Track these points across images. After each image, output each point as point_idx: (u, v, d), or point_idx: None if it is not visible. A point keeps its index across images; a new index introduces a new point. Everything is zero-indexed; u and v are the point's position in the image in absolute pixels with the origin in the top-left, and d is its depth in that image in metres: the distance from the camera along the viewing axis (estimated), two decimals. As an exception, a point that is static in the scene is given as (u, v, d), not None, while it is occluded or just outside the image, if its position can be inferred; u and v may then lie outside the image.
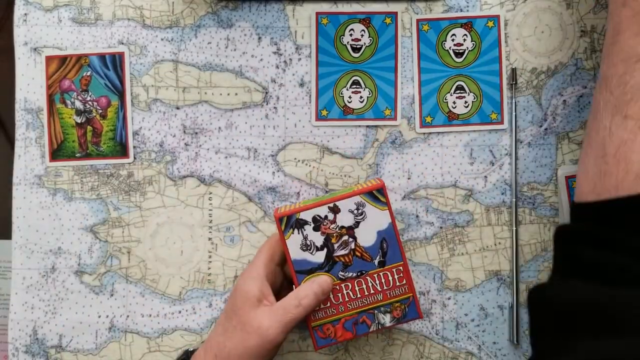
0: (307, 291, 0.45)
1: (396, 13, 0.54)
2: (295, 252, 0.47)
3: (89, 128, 0.54)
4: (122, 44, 0.54)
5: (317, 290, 0.46)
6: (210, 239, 0.54)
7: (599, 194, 0.35)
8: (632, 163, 0.34)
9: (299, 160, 0.54)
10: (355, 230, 0.47)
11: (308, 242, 0.47)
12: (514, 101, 0.54)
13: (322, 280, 0.46)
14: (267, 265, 0.47)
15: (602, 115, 0.37)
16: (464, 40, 0.54)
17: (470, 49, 0.54)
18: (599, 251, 0.34)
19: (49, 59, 0.54)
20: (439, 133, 0.54)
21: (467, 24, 0.54)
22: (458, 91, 0.54)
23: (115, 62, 0.54)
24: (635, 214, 0.33)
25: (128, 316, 0.54)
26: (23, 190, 0.54)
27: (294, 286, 0.48)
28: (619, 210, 0.34)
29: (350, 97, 0.54)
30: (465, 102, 0.54)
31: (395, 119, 0.54)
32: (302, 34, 0.54)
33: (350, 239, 0.47)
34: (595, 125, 0.38)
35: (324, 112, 0.54)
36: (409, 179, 0.54)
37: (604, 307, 0.31)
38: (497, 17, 0.54)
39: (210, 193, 0.54)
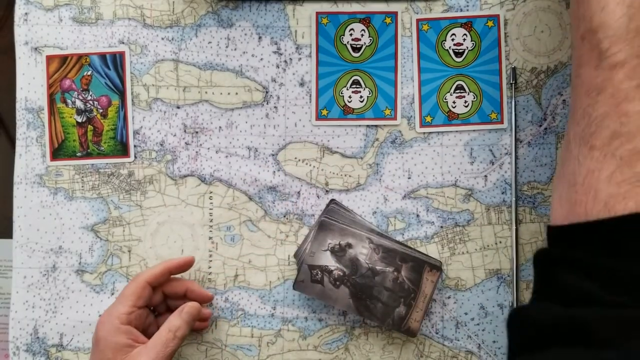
0: (178, 322, 0.47)
1: (396, 13, 0.54)
2: None
3: (90, 127, 0.54)
4: (123, 43, 0.54)
5: (188, 319, 0.48)
6: (210, 238, 0.54)
7: (570, 220, 0.37)
8: (599, 191, 0.36)
9: (299, 160, 0.54)
10: None
11: None
12: (513, 101, 0.54)
13: (190, 308, 0.48)
14: (130, 312, 0.47)
15: (571, 146, 0.39)
16: (464, 39, 0.54)
17: (470, 49, 0.54)
18: (570, 274, 0.36)
19: (49, 59, 0.54)
20: (439, 133, 0.54)
21: (467, 23, 0.54)
22: (458, 91, 0.54)
23: (115, 61, 0.54)
24: (602, 238, 0.35)
25: (129, 315, 0.54)
26: (24, 190, 0.54)
27: (157, 318, 0.51)
28: (589, 234, 0.36)
29: (350, 97, 0.54)
30: (465, 101, 0.54)
31: (395, 118, 0.54)
32: (302, 34, 0.54)
33: None
34: (566, 154, 0.39)
35: (324, 112, 0.54)
36: (409, 178, 0.54)
37: (573, 326, 0.33)
38: (497, 16, 0.54)
39: (211, 192, 0.54)
